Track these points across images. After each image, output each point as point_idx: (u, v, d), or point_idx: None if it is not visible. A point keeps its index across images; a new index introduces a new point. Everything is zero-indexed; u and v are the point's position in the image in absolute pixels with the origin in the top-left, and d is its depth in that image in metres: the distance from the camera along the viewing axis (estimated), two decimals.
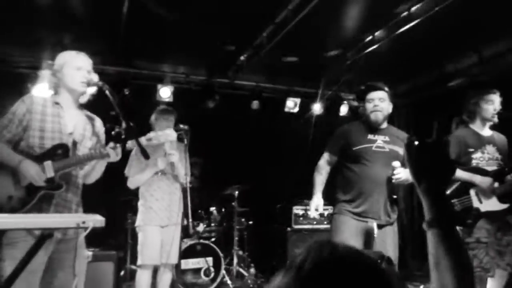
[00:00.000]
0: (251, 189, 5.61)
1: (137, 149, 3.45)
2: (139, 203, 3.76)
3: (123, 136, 2.24)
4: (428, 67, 5.60)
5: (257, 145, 6.20)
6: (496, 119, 3.37)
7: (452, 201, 3.30)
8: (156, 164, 3.58)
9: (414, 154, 1.09)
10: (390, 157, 3.05)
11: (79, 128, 2.57)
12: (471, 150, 3.32)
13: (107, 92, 2.41)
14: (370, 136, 3.12)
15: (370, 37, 4.51)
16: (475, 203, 3.23)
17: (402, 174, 2.92)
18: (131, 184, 3.72)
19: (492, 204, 3.21)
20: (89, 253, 3.63)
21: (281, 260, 5.41)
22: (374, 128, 3.14)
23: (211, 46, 4.87)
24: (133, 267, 4.84)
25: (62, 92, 2.53)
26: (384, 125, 3.21)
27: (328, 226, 5.33)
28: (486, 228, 3.16)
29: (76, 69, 2.50)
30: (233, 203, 5.51)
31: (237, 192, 5.46)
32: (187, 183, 3.43)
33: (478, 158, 3.30)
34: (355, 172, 3.09)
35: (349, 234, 3.00)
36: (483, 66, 4.93)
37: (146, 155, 2.22)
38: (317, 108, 6.16)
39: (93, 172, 2.63)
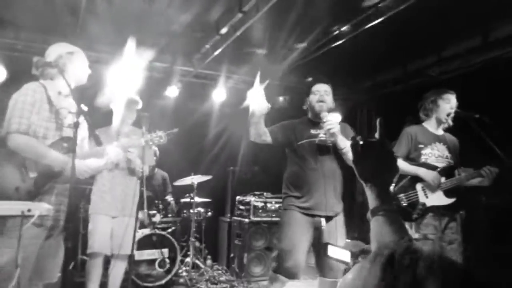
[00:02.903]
0: (211, 180, 5.53)
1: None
2: (92, 192, 3.71)
3: (75, 120, 2.13)
4: (390, 65, 5.71)
5: (220, 135, 6.12)
6: (450, 122, 3.48)
7: (399, 196, 3.40)
8: (108, 155, 3.44)
9: (360, 154, 1.12)
10: (333, 150, 3.07)
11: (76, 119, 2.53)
12: (421, 146, 3.42)
13: (60, 74, 2.32)
14: (312, 131, 3.12)
15: (336, 32, 4.51)
16: (421, 198, 3.33)
17: (333, 122, 2.90)
18: None
19: (438, 199, 3.31)
20: None
21: (239, 252, 5.38)
22: (317, 122, 3.13)
23: (175, 32, 4.72)
24: (85, 257, 4.69)
25: (62, 80, 2.36)
26: None
27: None
28: (433, 225, 3.26)
29: (84, 63, 2.59)
30: (191, 194, 5.42)
31: (196, 183, 5.37)
32: (143, 172, 3.33)
33: (428, 154, 3.40)
34: (301, 167, 3.09)
35: (298, 228, 3.00)
36: (442, 66, 5.08)
37: (98, 142, 2.12)
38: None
39: None
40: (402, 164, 3.38)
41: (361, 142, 1.12)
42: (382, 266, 0.67)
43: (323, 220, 2.97)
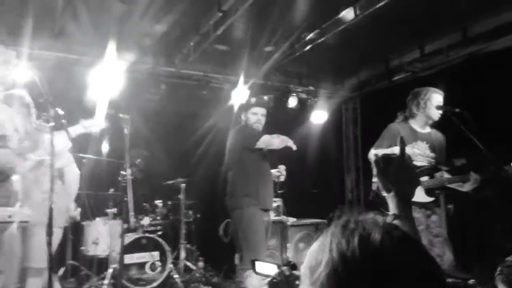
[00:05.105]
0: (199, 182, 5.51)
1: None
2: None
3: (51, 123, 2.11)
4: (374, 61, 5.73)
5: (205, 136, 6.09)
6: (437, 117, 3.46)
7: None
8: None
9: (383, 169, 1.27)
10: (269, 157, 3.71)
11: (9, 120, 2.48)
12: None
13: (36, 78, 2.29)
14: None
15: (318, 30, 4.51)
16: None
17: (284, 174, 3.80)
18: None
19: (418, 196, 3.30)
20: None
21: (230, 253, 5.35)
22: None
23: (156, 33, 4.70)
24: (75, 263, 4.73)
25: None
26: None
27: (278, 218, 5.37)
28: (416, 217, 3.27)
29: (4, 63, 2.46)
30: (179, 196, 5.39)
31: (183, 185, 5.34)
32: (127, 175, 3.26)
33: (408, 152, 3.40)
34: (256, 170, 3.58)
35: (261, 227, 3.46)
36: (425, 61, 5.11)
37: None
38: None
39: None
40: (378, 151, 3.45)
41: (383, 159, 1.27)
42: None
43: (271, 213, 3.69)
